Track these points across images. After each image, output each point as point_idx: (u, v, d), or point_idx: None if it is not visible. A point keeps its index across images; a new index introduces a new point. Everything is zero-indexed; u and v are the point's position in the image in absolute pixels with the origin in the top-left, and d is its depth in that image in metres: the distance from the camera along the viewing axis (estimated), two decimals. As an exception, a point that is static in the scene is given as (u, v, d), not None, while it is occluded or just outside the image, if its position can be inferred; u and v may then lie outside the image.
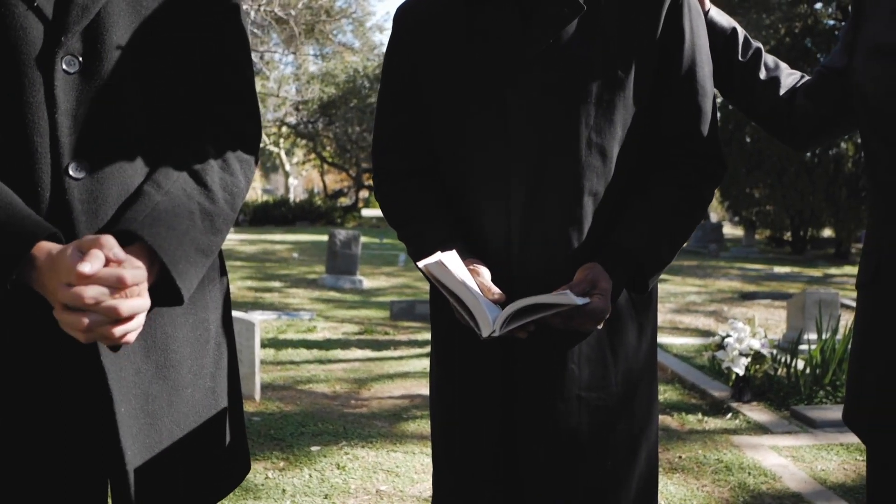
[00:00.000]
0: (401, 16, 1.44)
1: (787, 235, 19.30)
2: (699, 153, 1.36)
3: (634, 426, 1.40)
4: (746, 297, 9.93)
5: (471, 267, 1.27)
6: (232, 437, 1.30)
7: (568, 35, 1.28)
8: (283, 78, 22.96)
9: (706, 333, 6.79)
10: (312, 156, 31.54)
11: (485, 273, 1.28)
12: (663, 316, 8.19)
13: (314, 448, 3.54)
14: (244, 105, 1.25)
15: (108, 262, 0.96)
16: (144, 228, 1.05)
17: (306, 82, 23.88)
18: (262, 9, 11.27)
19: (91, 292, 0.94)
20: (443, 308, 1.39)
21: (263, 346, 5.78)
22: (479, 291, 1.21)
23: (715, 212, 30.12)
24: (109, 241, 0.97)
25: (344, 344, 6.12)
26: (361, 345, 6.10)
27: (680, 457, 3.56)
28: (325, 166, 31.91)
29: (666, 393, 4.73)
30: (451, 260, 1.21)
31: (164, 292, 1.08)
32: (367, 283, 10.09)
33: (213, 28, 1.20)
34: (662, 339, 6.58)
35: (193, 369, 1.21)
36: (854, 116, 1.25)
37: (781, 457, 3.57)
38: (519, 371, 1.35)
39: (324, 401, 4.42)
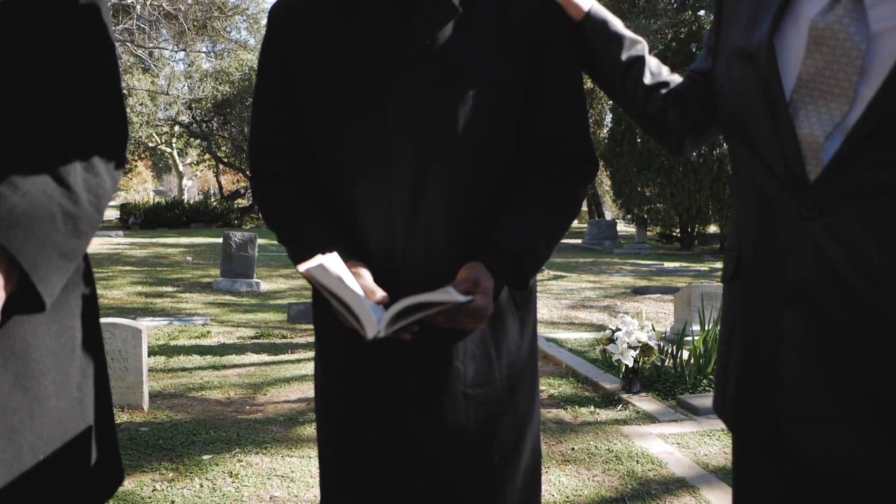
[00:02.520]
0: (275, 14, 1.41)
1: (677, 232, 20.21)
2: (572, 153, 1.40)
3: (519, 419, 1.43)
4: (638, 291, 10.32)
5: (353, 269, 1.27)
6: (102, 449, 1.24)
7: (444, 37, 1.30)
8: (174, 75, 22.17)
9: (600, 328, 7.00)
10: (207, 156, 30.62)
11: (367, 275, 1.28)
12: (559, 312, 8.40)
13: (205, 457, 3.43)
14: (108, 104, 1.20)
15: None
16: (0, 232, 0.99)
17: (199, 80, 23.18)
18: (149, 3, 10.84)
19: None
20: (326, 312, 1.37)
21: (153, 353, 5.57)
22: (362, 294, 1.20)
23: (609, 210, 31.15)
24: None
25: (239, 349, 5.96)
26: (257, 349, 5.96)
27: (573, 448, 3.65)
28: (221, 167, 31.06)
29: (560, 387, 4.85)
30: (332, 262, 1.19)
31: (24, 299, 1.03)
32: (265, 285, 9.88)
33: (71, 25, 1.14)
34: (558, 334, 6.75)
35: (58, 379, 1.15)
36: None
37: (668, 444, 3.72)
38: (406, 371, 1.35)
39: (217, 408, 4.29)
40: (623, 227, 26.61)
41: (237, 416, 4.13)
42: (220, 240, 10.27)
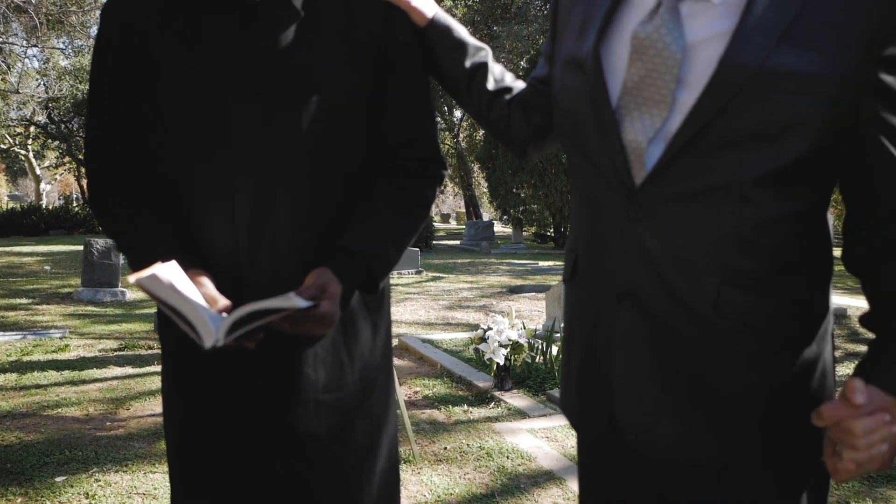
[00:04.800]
0: (110, 13, 1.34)
1: (551, 231, 20.85)
2: (419, 157, 1.41)
3: (374, 423, 1.43)
4: (514, 290, 10.55)
5: (194, 278, 1.22)
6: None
7: (287, 41, 1.28)
8: (27, 73, 20.76)
9: (475, 327, 7.10)
10: (67, 158, 28.84)
11: (208, 283, 1.24)
12: (437, 313, 8.48)
13: (59, 478, 3.23)
14: None
15: None
16: None
17: (56, 78, 21.81)
18: (-5, -5, 10.09)
19: None
20: (170, 322, 1.33)
21: (2, 370, 5.20)
22: (200, 302, 1.16)
23: (486, 211, 31.76)
24: None
25: (101, 362, 5.65)
26: (121, 361, 5.67)
27: (445, 448, 3.69)
28: (83, 170, 29.34)
29: (435, 387, 4.89)
30: (169, 271, 1.15)
31: None
32: (131, 294, 9.41)
33: None
34: (434, 335, 6.81)
35: None
36: None
37: (537, 438, 3.83)
38: (254, 380, 1.32)
39: (74, 425, 4.05)
40: (500, 228, 27.21)
41: (96, 433, 3.91)
42: (82, 247, 9.70)
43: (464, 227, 23.61)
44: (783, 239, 1.06)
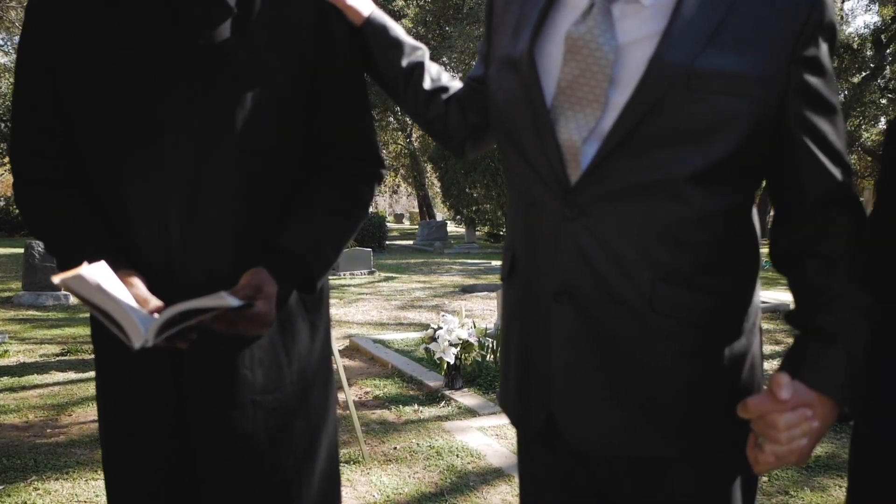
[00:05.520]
0: (34, 7, 1.30)
1: (503, 231, 20.97)
2: (357, 156, 1.41)
3: (312, 423, 1.42)
4: (467, 290, 10.59)
5: (125, 278, 1.20)
6: None
7: (220, 38, 1.26)
8: (-36, 70, 20.11)
9: (428, 327, 7.10)
10: (7, 159, 27.95)
11: (139, 284, 1.21)
12: (389, 313, 8.45)
13: (-5, 488, 3.14)
14: None
15: None
16: None
17: (-5, 76, 21.16)
18: (-72, -11, 9.73)
19: None
20: (101, 323, 1.30)
21: (-63, 378, 5.02)
22: (129, 302, 1.14)
23: (440, 211, 31.81)
24: None
25: (42, 367, 5.49)
26: (63, 366, 5.52)
27: (395, 448, 3.69)
28: (25, 170, 28.45)
29: (386, 387, 4.88)
30: (97, 272, 1.12)
31: None
32: (75, 298, 9.13)
33: None
34: (386, 335, 6.79)
35: None
36: None
37: (487, 436, 3.85)
38: (189, 382, 1.30)
39: (12, 433, 3.93)
40: (453, 228, 27.28)
41: (36, 440, 3.80)
42: (23, 250, 9.41)
43: (417, 227, 23.62)
44: (714, 235, 1.08)
